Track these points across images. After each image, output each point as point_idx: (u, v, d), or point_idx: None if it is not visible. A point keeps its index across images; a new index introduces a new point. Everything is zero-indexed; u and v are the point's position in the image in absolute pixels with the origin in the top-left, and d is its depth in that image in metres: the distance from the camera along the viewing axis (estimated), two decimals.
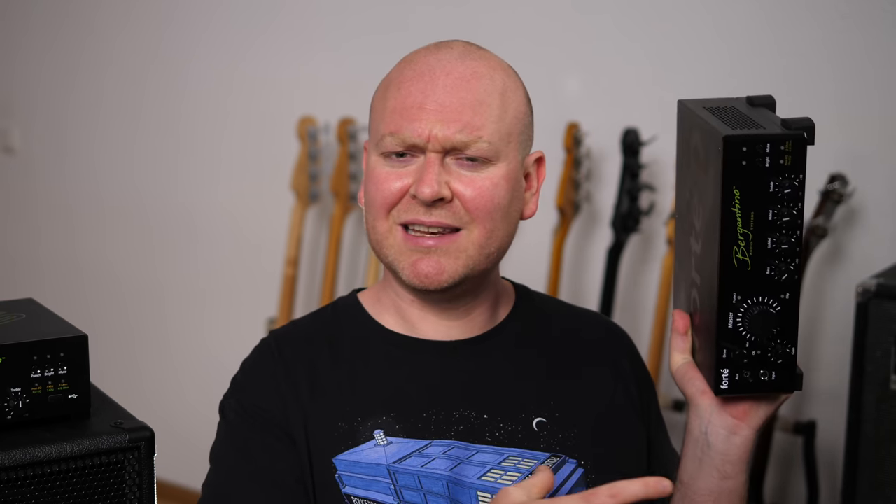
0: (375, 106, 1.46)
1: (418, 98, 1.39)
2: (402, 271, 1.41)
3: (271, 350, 1.48)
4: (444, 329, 1.47)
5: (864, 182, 2.56)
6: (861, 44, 2.58)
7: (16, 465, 1.23)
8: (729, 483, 1.36)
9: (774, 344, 1.25)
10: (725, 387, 1.26)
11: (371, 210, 1.43)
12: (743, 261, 1.22)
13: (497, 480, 1.39)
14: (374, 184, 1.42)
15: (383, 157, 1.42)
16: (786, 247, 1.22)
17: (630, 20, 2.85)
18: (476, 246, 1.40)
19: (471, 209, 1.39)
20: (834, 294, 2.64)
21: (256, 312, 3.39)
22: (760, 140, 1.19)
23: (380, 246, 1.43)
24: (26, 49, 3.92)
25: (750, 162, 1.20)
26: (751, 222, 1.21)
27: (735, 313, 1.24)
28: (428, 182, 1.37)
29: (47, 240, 3.99)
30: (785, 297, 1.23)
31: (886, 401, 2.06)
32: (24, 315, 1.41)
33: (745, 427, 1.33)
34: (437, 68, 1.41)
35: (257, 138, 3.46)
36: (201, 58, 3.53)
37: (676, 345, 1.38)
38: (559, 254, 2.83)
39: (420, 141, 1.38)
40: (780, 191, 1.21)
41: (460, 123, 1.38)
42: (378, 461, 1.38)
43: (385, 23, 3.16)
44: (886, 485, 2.08)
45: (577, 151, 2.81)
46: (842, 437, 2.17)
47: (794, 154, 1.20)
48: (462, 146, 1.38)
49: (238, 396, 1.45)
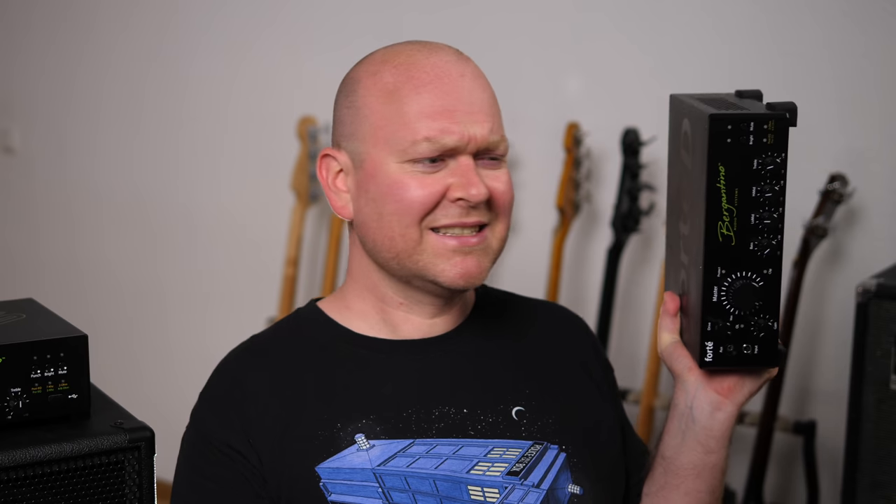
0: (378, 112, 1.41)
1: (447, 101, 1.38)
2: (440, 274, 1.40)
3: (231, 373, 1.46)
4: (427, 328, 1.48)
5: (864, 182, 2.56)
6: (861, 44, 2.58)
7: (16, 465, 1.23)
8: (712, 458, 1.39)
9: (757, 318, 1.28)
10: (710, 359, 1.30)
11: (401, 219, 1.39)
12: (727, 235, 1.26)
13: (485, 473, 1.40)
14: (403, 191, 1.39)
15: (411, 163, 1.38)
16: (768, 222, 1.26)
17: (630, 20, 2.85)
18: (499, 240, 1.44)
19: (499, 206, 1.42)
20: (834, 294, 2.64)
21: (257, 312, 3.39)
22: (744, 119, 1.24)
23: (408, 254, 1.40)
24: (26, 49, 3.92)
25: (735, 140, 1.24)
26: (735, 198, 1.26)
27: (719, 287, 1.28)
28: (476, 184, 1.38)
29: (47, 240, 3.99)
30: (767, 272, 1.27)
31: (886, 401, 2.06)
32: (24, 315, 1.41)
33: (729, 403, 1.35)
34: (451, 70, 1.40)
35: (257, 138, 3.46)
36: (201, 58, 3.53)
37: (665, 325, 1.40)
38: (559, 254, 2.83)
39: (461, 144, 1.38)
40: (763, 168, 1.25)
41: (490, 123, 1.40)
42: (363, 465, 1.38)
43: (385, 23, 3.16)
44: (886, 485, 2.08)
45: (577, 151, 2.81)
46: (842, 437, 2.17)
47: (777, 133, 1.25)
48: (493, 146, 1.41)
49: (196, 427, 1.45)
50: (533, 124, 2.93)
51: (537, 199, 2.93)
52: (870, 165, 2.56)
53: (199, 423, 1.45)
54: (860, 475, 2.10)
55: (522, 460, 1.43)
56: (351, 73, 1.47)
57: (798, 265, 2.48)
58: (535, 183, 2.92)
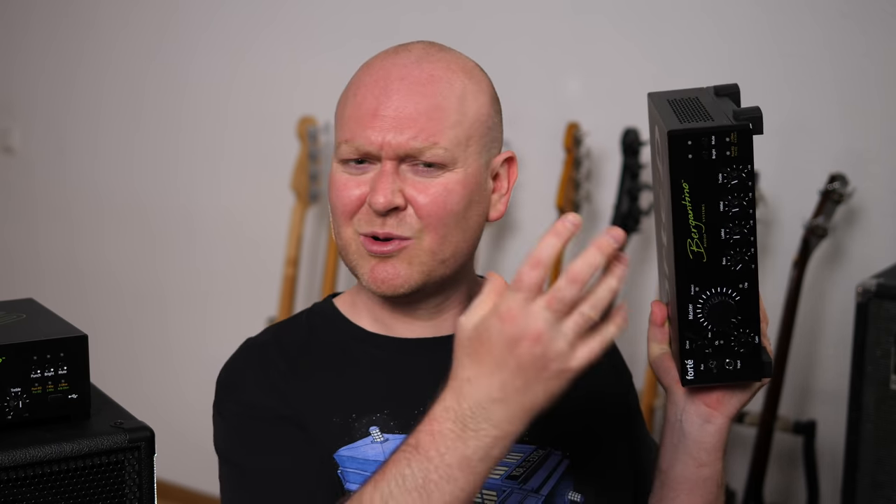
0: (337, 112, 1.45)
1: (372, 104, 1.38)
2: (362, 276, 1.41)
3: (253, 351, 1.47)
4: (420, 329, 1.47)
5: (864, 182, 2.56)
6: (861, 44, 2.58)
7: (16, 465, 1.23)
8: (705, 471, 1.37)
9: (737, 333, 1.26)
10: (691, 377, 1.28)
11: (335, 217, 1.42)
12: (698, 252, 1.24)
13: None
14: (335, 191, 1.41)
15: (342, 164, 1.41)
16: (738, 237, 1.23)
17: (630, 20, 2.85)
18: (428, 253, 1.39)
19: (423, 216, 1.38)
20: (834, 294, 2.64)
21: (256, 312, 3.39)
22: (705, 133, 1.21)
23: (344, 252, 1.42)
24: (26, 49, 3.92)
25: (696, 155, 1.21)
26: (702, 214, 1.23)
27: (694, 305, 1.25)
28: (381, 191, 1.36)
29: (47, 240, 3.99)
30: (743, 286, 1.24)
31: (886, 401, 2.06)
32: (24, 315, 1.41)
33: (719, 415, 1.34)
34: (392, 73, 1.40)
35: (257, 138, 3.46)
36: (201, 58, 3.53)
37: (653, 335, 1.38)
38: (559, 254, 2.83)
39: (374, 149, 1.37)
40: (729, 181, 1.22)
41: (415, 130, 1.37)
42: (376, 457, 1.38)
43: (385, 23, 3.16)
44: (886, 485, 2.08)
45: (577, 151, 2.81)
46: (842, 437, 2.17)
47: (741, 145, 1.21)
48: (416, 153, 1.37)
49: (234, 396, 1.43)
50: (533, 124, 2.93)
51: (537, 199, 2.93)
52: (870, 165, 2.56)
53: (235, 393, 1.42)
54: (860, 475, 2.10)
55: (523, 465, 1.42)
56: None
57: (798, 265, 2.48)
58: (535, 183, 2.92)
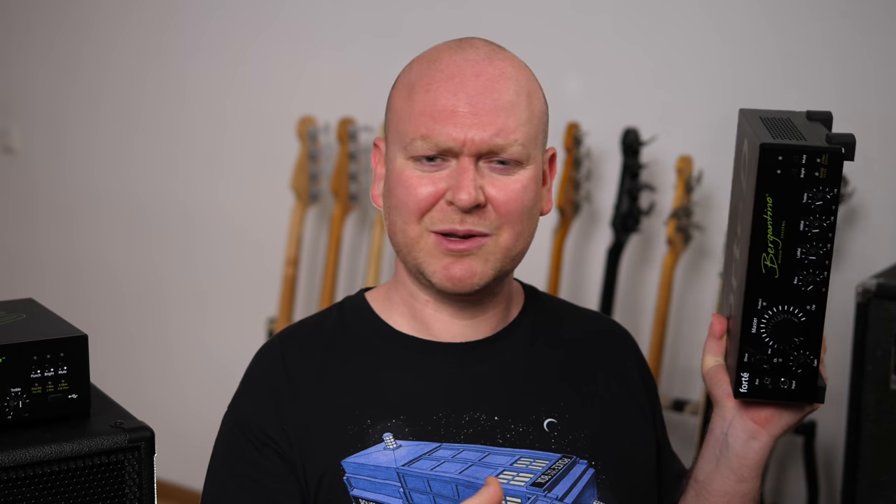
0: (398, 107, 1.42)
1: (450, 100, 1.36)
2: (433, 275, 1.39)
3: (273, 356, 1.47)
4: (458, 329, 1.46)
5: (864, 182, 2.56)
6: (861, 44, 2.58)
7: (16, 465, 1.23)
8: (744, 486, 1.37)
9: (797, 353, 1.27)
10: (744, 390, 1.28)
11: (400, 214, 1.40)
12: (771, 268, 1.25)
13: (510, 482, 1.39)
14: (405, 188, 1.39)
15: (413, 160, 1.38)
16: (814, 258, 1.25)
17: (630, 20, 2.85)
18: (504, 249, 1.40)
19: (503, 213, 1.38)
20: (834, 294, 2.62)
21: (256, 312, 3.39)
22: (797, 151, 1.21)
23: (408, 249, 1.40)
24: (26, 49, 3.92)
25: (785, 171, 1.22)
26: (781, 231, 1.23)
27: (759, 319, 1.26)
28: (466, 189, 1.35)
29: (47, 240, 3.99)
30: (811, 308, 1.27)
31: (886, 401, 2.06)
32: (24, 315, 1.40)
33: (765, 434, 1.35)
34: (465, 69, 1.38)
35: (257, 138, 3.46)
36: (201, 58, 3.53)
37: (710, 347, 1.39)
38: (559, 254, 2.83)
39: (455, 145, 1.36)
40: (813, 202, 1.22)
41: (496, 127, 1.36)
42: (387, 464, 1.38)
43: (385, 23, 3.17)
44: (886, 485, 2.08)
45: (577, 151, 2.81)
46: (842, 437, 2.17)
47: (830, 168, 1.21)
48: (498, 150, 1.37)
49: (234, 412, 1.45)
50: None
51: None
52: (870, 165, 2.56)
53: (237, 407, 1.46)
54: (860, 475, 2.10)
55: (549, 472, 1.41)
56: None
57: None
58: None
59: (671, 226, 2.67)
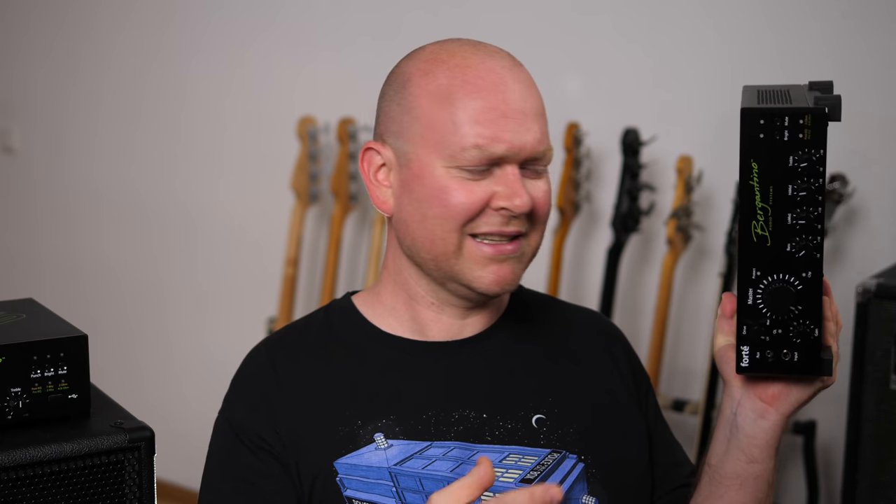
0: (431, 115, 1.39)
1: (501, 108, 1.36)
2: (476, 280, 1.39)
3: (261, 361, 1.47)
4: (457, 329, 1.47)
5: (864, 182, 2.56)
6: (861, 44, 2.58)
7: (16, 465, 1.23)
8: (755, 468, 1.35)
9: (796, 323, 1.23)
10: (745, 364, 1.24)
11: (443, 223, 1.38)
12: (762, 235, 1.21)
13: (499, 479, 1.39)
14: (452, 196, 1.37)
15: (458, 169, 1.37)
16: (804, 222, 1.20)
17: (630, 20, 2.85)
18: (533, 249, 1.44)
19: (538, 216, 1.41)
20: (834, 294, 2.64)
21: (256, 312, 3.40)
22: (778, 113, 1.18)
23: (446, 258, 1.40)
24: (26, 49, 3.92)
25: (768, 135, 1.18)
26: (770, 196, 1.20)
27: (755, 289, 1.22)
28: (521, 195, 1.36)
29: (47, 239, 3.99)
30: (807, 275, 1.21)
31: (886, 401, 2.06)
32: (24, 315, 1.40)
33: (774, 412, 1.32)
34: (505, 76, 1.38)
35: (257, 138, 3.46)
36: (201, 58, 3.53)
37: (721, 326, 1.36)
38: (559, 254, 2.83)
39: (510, 153, 1.36)
40: (799, 165, 1.19)
41: (538, 133, 1.38)
42: (379, 464, 1.38)
43: (385, 23, 3.17)
44: (886, 485, 2.08)
45: (577, 151, 2.81)
46: (842, 437, 2.17)
47: (814, 128, 1.18)
48: (540, 156, 1.39)
49: (226, 415, 1.45)
50: None
51: None
52: (870, 165, 2.56)
53: (229, 411, 1.46)
54: (860, 475, 2.10)
55: (538, 468, 1.41)
56: (400, 68, 1.44)
57: None
58: None
59: (671, 226, 2.67)
